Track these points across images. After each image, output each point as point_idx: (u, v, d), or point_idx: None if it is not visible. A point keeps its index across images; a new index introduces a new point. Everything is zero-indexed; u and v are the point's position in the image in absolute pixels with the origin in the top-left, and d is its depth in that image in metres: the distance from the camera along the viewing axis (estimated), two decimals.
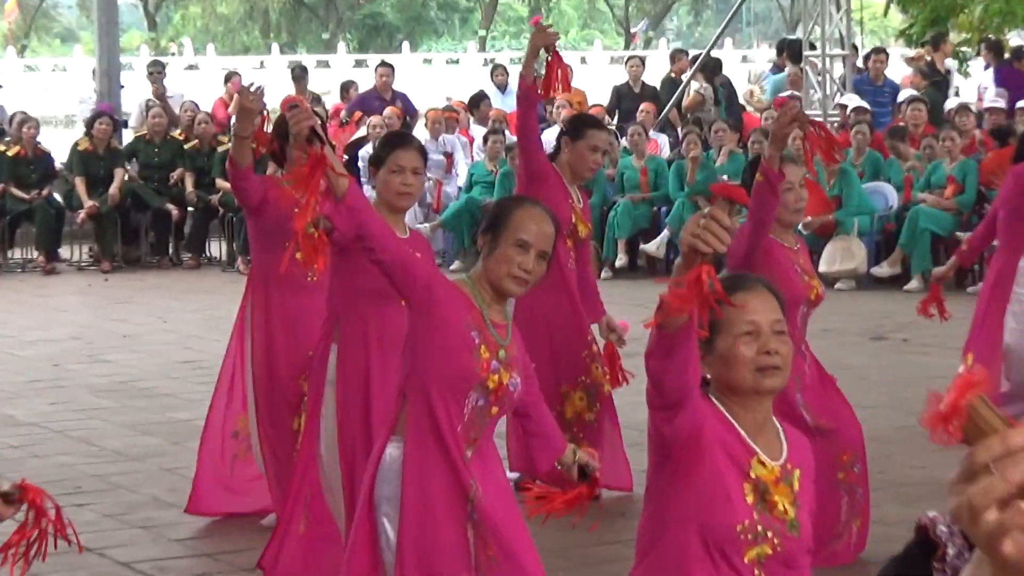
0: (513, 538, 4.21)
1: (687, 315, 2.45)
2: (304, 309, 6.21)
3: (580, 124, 6.97)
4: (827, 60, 16.07)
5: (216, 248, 16.11)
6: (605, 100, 17.74)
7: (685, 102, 17.02)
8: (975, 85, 18.34)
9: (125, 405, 9.92)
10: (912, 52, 19.17)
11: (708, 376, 2.98)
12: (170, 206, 15.41)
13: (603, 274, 13.32)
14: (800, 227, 9.59)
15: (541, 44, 7.08)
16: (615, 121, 16.32)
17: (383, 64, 19.53)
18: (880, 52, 17.89)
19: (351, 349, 5.46)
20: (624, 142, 15.11)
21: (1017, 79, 15.75)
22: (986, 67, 17.90)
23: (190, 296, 14.07)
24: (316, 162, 4.26)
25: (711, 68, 17.51)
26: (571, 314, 7.27)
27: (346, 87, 19.11)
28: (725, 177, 11.35)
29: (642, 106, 16.22)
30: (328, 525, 5.63)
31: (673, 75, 18.54)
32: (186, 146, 15.59)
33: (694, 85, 17.25)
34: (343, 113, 17.14)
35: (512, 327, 4.31)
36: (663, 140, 15.54)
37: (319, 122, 5.42)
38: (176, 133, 16.09)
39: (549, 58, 7.15)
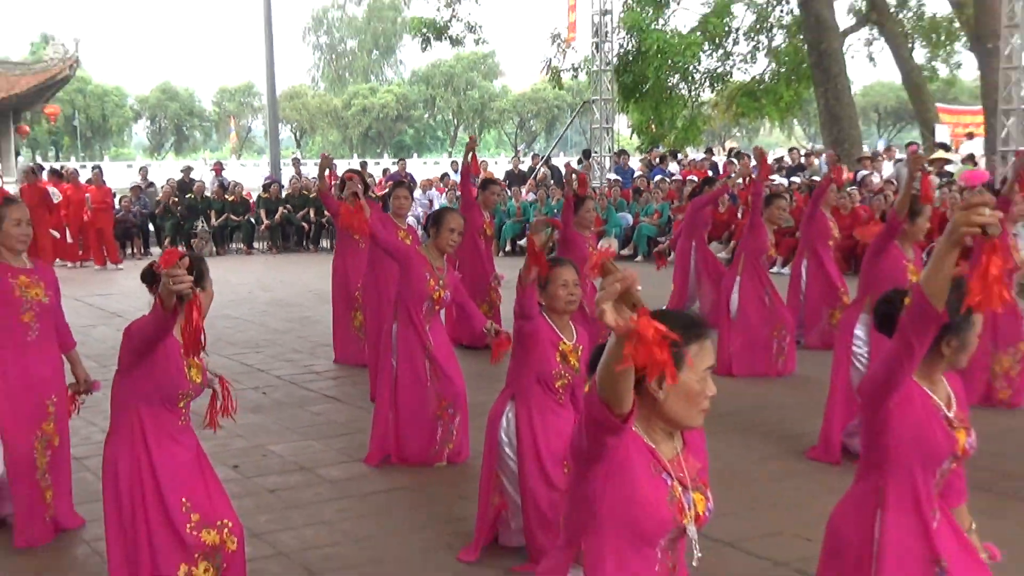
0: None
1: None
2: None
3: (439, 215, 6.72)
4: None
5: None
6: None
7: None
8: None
9: (286, 330, 14.47)
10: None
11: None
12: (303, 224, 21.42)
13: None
14: None
15: (471, 149, 10.49)
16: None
17: (401, 160, 27.25)
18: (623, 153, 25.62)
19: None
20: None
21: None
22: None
23: (309, 265, 18.10)
24: (357, 208, 7.03)
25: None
26: (476, 264, 10.30)
27: (386, 171, 25.55)
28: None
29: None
30: None
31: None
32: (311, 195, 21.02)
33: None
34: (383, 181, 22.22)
35: (447, 268, 6.63)
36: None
37: (362, 186, 8.52)
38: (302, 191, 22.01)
39: (471, 154, 10.43)
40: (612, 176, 21.80)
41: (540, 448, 4.74)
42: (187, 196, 22.04)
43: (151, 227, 21.64)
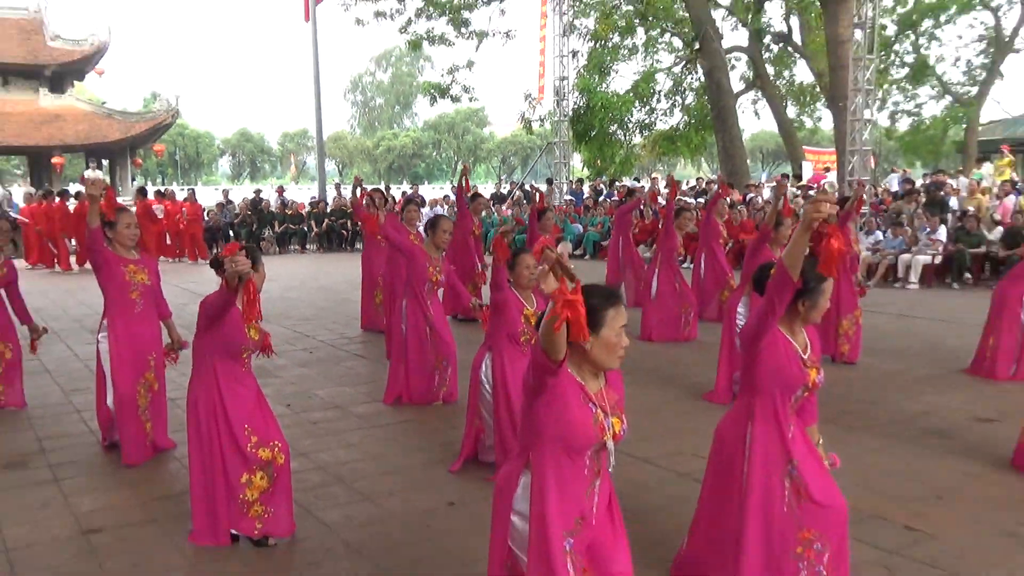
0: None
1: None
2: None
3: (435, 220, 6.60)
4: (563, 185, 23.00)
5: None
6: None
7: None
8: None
9: (328, 307, 15.01)
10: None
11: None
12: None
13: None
14: None
15: (465, 174, 10.58)
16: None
17: (415, 185, 28.53)
18: (578, 181, 25.17)
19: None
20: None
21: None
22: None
23: (347, 261, 16.21)
24: (370, 211, 8.21)
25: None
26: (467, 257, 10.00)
27: (404, 193, 24.66)
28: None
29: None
30: None
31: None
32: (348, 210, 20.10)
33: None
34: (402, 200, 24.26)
35: (443, 258, 6.59)
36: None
37: (383, 201, 8.89)
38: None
39: (464, 178, 10.57)
40: (568, 197, 21.86)
41: (509, 387, 4.80)
42: (258, 210, 22.23)
43: (231, 232, 21.60)
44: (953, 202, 16.03)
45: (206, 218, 20.90)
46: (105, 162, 27.75)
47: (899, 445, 5.45)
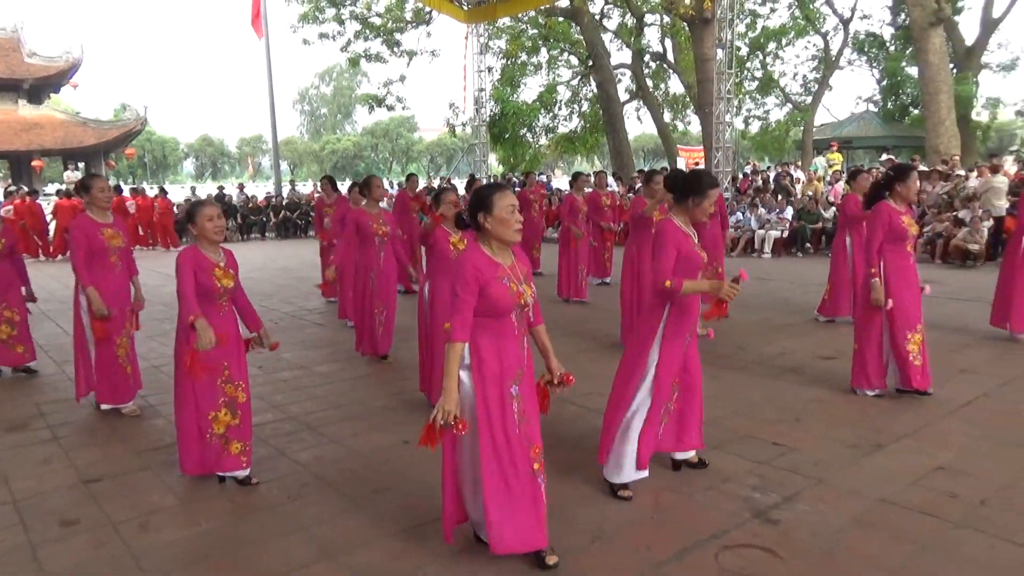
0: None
1: None
2: None
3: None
4: (483, 180, 22.91)
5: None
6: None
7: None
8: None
9: (288, 284, 14.18)
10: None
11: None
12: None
13: None
14: None
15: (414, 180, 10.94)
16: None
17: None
18: (494, 176, 25.31)
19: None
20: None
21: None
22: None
23: (301, 246, 17.28)
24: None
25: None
26: (412, 229, 9.49)
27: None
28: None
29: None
30: None
31: None
32: (300, 203, 20.99)
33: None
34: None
35: (391, 222, 6.39)
36: None
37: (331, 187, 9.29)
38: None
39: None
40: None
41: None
42: (222, 204, 21.23)
43: (185, 227, 20.84)
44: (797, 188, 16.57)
45: (176, 212, 20.00)
46: (81, 164, 26.40)
47: (763, 380, 5.57)
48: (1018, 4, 22.63)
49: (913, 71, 24.83)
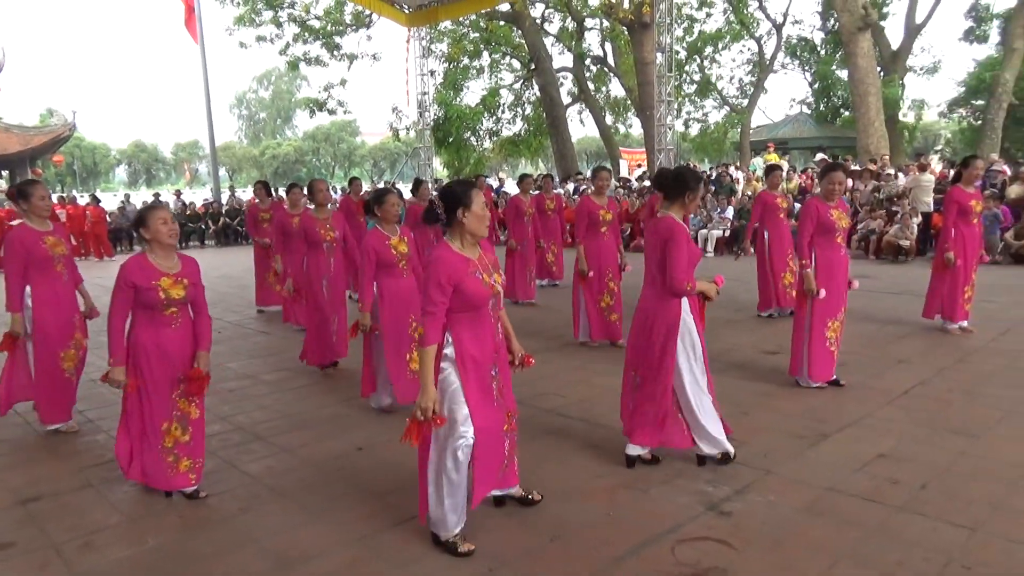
0: None
1: None
2: None
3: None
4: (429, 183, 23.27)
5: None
6: None
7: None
8: None
9: (230, 292, 13.14)
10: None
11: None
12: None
13: None
14: None
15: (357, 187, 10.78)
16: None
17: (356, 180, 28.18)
18: (438, 180, 24.88)
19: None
20: None
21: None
22: None
23: (242, 253, 15.56)
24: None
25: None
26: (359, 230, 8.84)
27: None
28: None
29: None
30: None
31: None
32: (241, 209, 19.38)
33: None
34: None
35: (339, 228, 6.17)
36: None
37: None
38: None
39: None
40: (434, 193, 21.45)
41: (395, 304, 4.84)
42: None
43: (134, 232, 20.08)
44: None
45: (109, 220, 19.26)
46: (5, 172, 25.23)
47: (711, 375, 5.66)
48: (939, 10, 23.68)
49: (843, 74, 25.78)
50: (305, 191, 7.68)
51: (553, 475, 3.85)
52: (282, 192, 10.98)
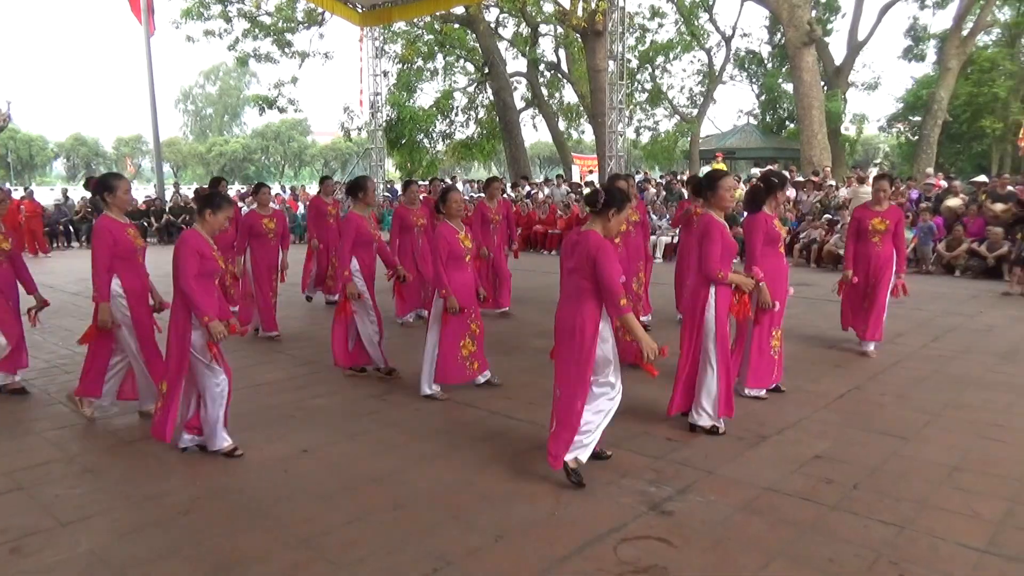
0: None
1: None
2: None
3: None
4: (380, 186, 24.02)
5: None
6: None
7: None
8: None
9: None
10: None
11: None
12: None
13: None
14: None
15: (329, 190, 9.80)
16: None
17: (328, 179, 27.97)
18: (390, 181, 25.63)
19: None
20: None
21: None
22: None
23: None
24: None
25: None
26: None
27: (239, 191, 26.84)
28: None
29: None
30: None
31: None
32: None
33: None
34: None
35: (279, 226, 7.39)
36: None
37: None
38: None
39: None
40: (386, 194, 21.36)
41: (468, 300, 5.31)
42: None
43: (71, 229, 19.55)
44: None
45: (45, 215, 18.61)
46: None
47: (657, 380, 5.62)
48: (880, 29, 24.62)
49: (789, 87, 26.52)
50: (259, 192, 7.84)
51: (499, 476, 3.87)
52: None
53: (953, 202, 12.55)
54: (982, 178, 14.84)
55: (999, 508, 3.47)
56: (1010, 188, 12.07)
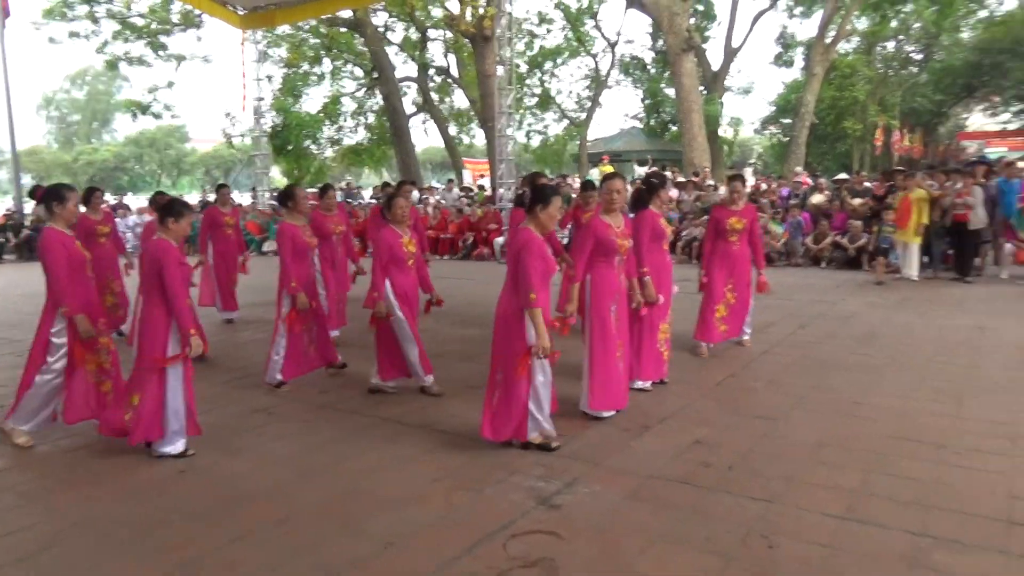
0: None
1: None
2: None
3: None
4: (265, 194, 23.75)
5: None
6: None
7: None
8: None
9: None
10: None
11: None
12: None
13: None
14: None
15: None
16: None
17: (224, 186, 25.64)
18: (276, 189, 23.09)
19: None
20: None
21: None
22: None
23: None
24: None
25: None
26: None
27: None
28: None
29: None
30: None
31: None
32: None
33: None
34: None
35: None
36: None
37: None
38: None
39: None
40: (273, 203, 20.60)
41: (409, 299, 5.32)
42: None
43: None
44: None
45: None
46: None
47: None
48: (752, 37, 26.16)
49: (671, 92, 27.62)
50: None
51: (390, 482, 3.85)
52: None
53: (818, 199, 13.48)
54: (844, 176, 16.00)
55: (856, 479, 3.77)
56: (867, 184, 13.09)
